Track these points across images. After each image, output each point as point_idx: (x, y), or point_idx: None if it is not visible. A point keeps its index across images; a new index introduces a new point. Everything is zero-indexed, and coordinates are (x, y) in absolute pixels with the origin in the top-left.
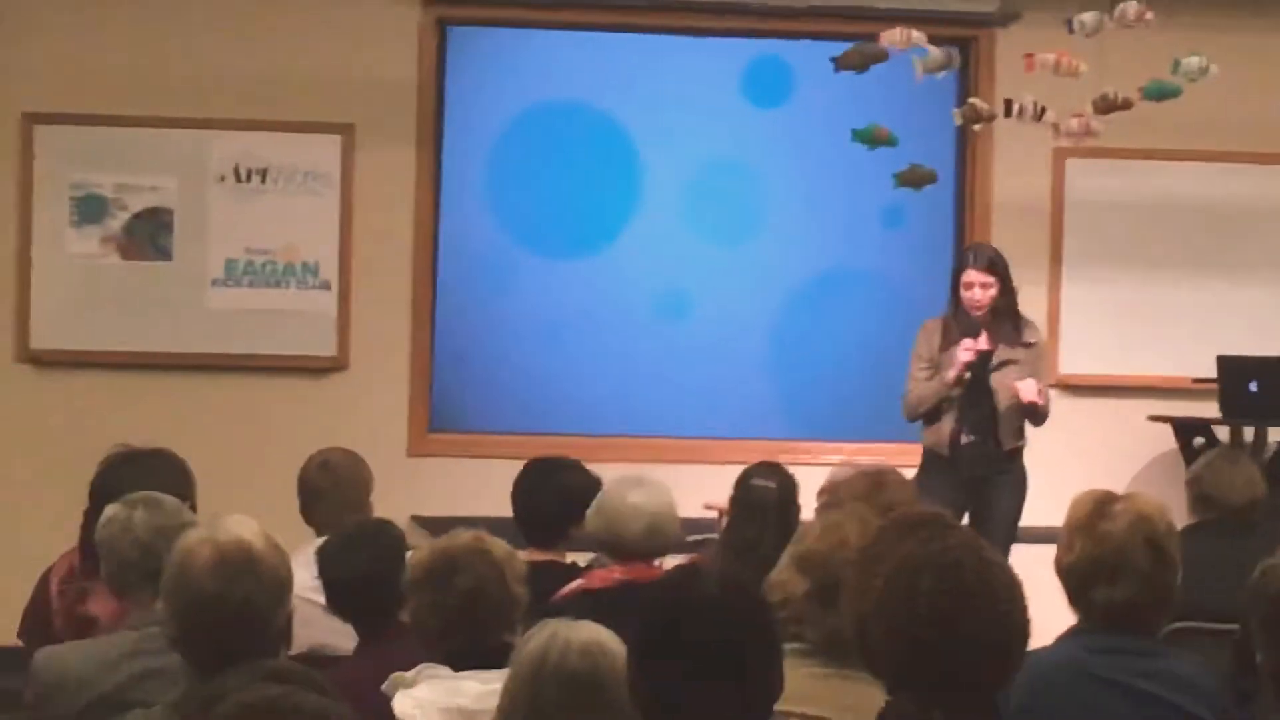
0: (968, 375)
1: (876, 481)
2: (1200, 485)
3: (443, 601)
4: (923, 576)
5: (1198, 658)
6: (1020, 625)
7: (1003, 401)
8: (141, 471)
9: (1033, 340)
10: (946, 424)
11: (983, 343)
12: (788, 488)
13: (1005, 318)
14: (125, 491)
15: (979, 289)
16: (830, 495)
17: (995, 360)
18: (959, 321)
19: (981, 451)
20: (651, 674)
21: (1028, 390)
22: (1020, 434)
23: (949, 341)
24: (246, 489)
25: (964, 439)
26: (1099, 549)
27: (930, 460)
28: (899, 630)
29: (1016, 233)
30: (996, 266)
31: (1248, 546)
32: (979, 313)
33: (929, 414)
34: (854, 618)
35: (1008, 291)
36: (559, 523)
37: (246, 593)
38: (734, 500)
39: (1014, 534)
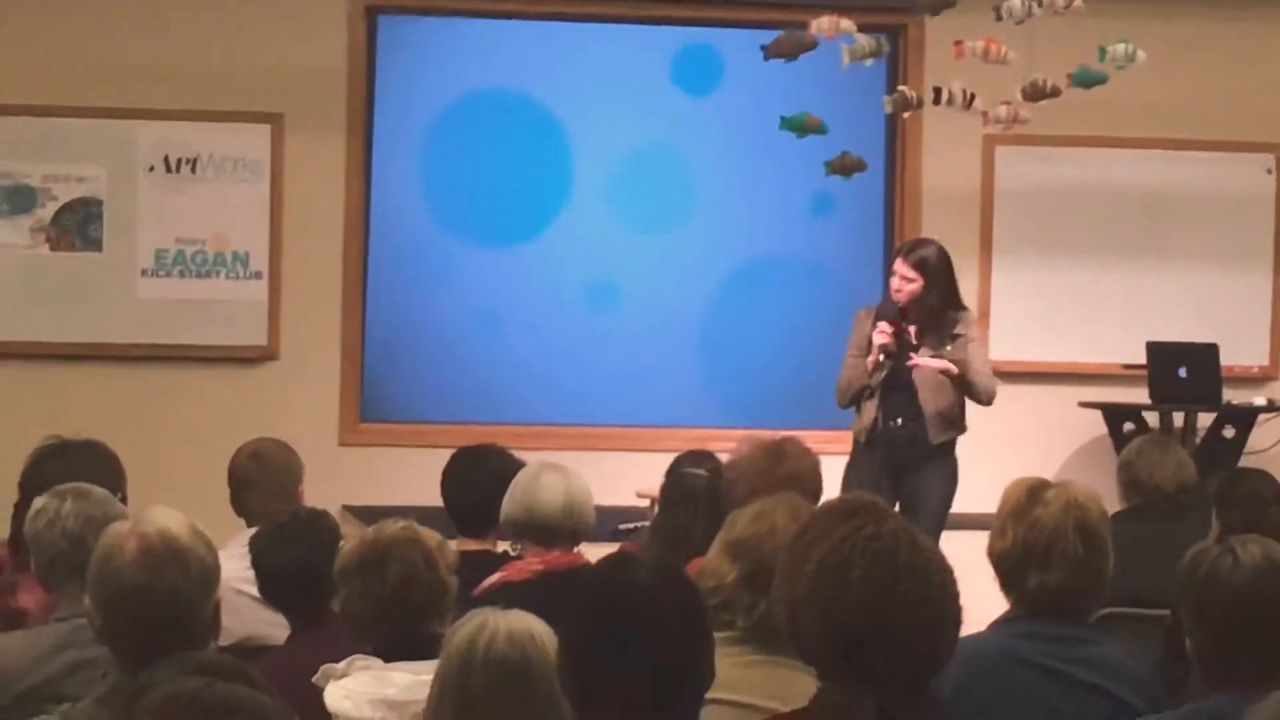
0: (883, 358)
1: (776, 453)
2: (1130, 471)
3: (374, 591)
4: (854, 563)
5: (1128, 644)
6: (952, 612)
7: (926, 400)
8: (72, 463)
9: (960, 332)
10: (869, 411)
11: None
12: (719, 475)
13: (934, 317)
14: (55, 483)
15: (899, 279)
16: (733, 472)
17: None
18: (884, 309)
19: (905, 433)
20: (583, 661)
21: (930, 364)
22: (949, 427)
23: None
24: (178, 480)
25: (888, 424)
26: (1031, 535)
27: (857, 447)
28: (830, 617)
29: (946, 220)
30: (924, 265)
31: (1178, 532)
32: (898, 300)
33: (855, 400)
34: (785, 605)
35: (937, 291)
36: (489, 511)
37: (172, 584)
38: (665, 488)
39: (941, 525)
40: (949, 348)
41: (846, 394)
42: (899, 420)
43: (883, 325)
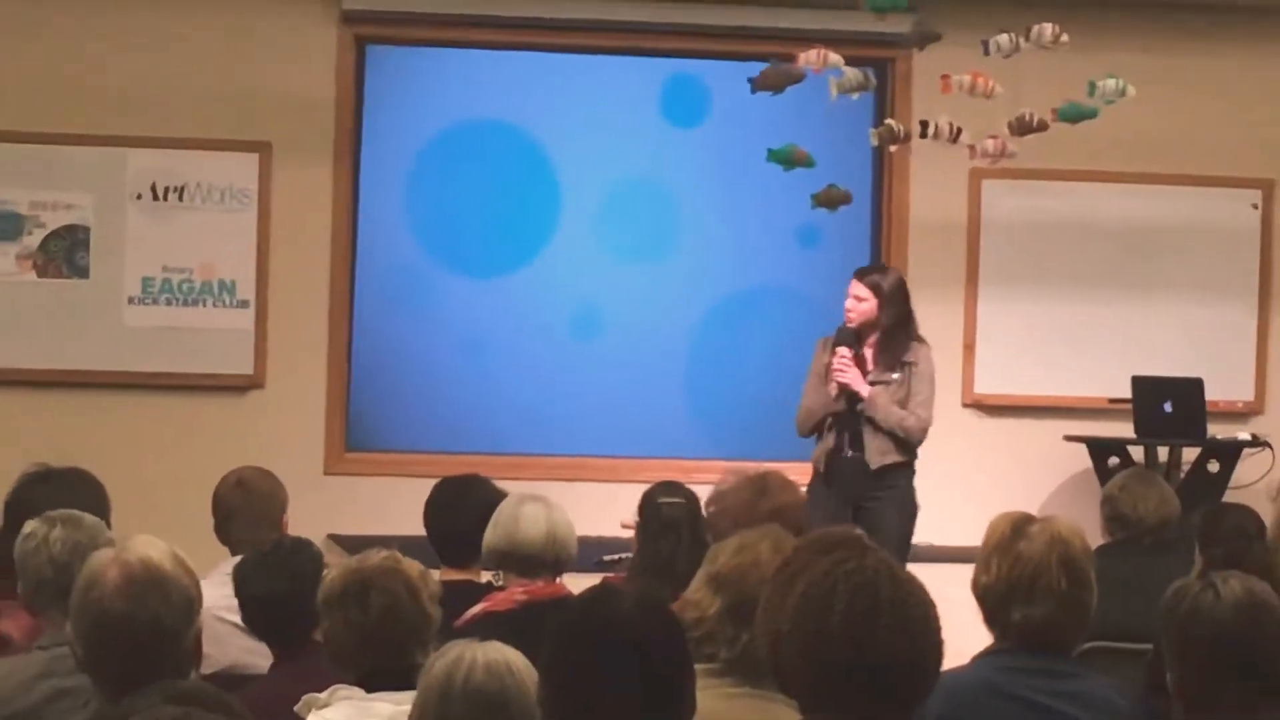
0: (838, 382)
1: (760, 488)
2: (1114, 505)
3: (356, 621)
4: (837, 597)
5: (1111, 678)
6: (934, 645)
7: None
8: (57, 490)
9: (911, 360)
10: (829, 440)
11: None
12: (695, 503)
13: (889, 340)
14: (40, 510)
15: (851, 299)
16: (717, 505)
17: (870, 380)
18: (841, 334)
19: (859, 467)
20: (563, 692)
21: (843, 378)
22: (891, 452)
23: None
24: (163, 507)
25: (843, 454)
26: (1015, 570)
27: (815, 480)
28: (812, 649)
29: (932, 253)
30: (878, 287)
31: (1161, 566)
32: (850, 320)
33: (817, 428)
34: (768, 637)
35: (890, 314)
36: (472, 541)
37: (154, 612)
38: (643, 522)
39: (904, 554)
40: (897, 375)
41: (807, 423)
42: (853, 451)
43: (842, 351)
